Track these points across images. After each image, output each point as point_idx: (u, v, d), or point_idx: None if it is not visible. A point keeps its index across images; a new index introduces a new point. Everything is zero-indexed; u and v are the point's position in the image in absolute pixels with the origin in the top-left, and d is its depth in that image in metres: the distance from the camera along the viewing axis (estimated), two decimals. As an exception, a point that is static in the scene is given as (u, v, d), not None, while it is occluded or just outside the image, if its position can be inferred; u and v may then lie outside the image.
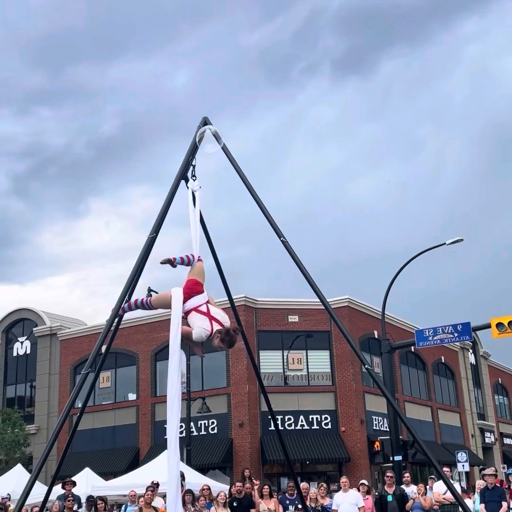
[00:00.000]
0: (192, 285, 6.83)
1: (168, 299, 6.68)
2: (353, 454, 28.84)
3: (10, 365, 36.51)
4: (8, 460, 29.66)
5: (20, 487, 17.84)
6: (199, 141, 7.51)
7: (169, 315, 22.58)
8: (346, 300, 30.61)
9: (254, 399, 29.05)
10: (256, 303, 30.40)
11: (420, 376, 36.58)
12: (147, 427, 31.00)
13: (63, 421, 6.43)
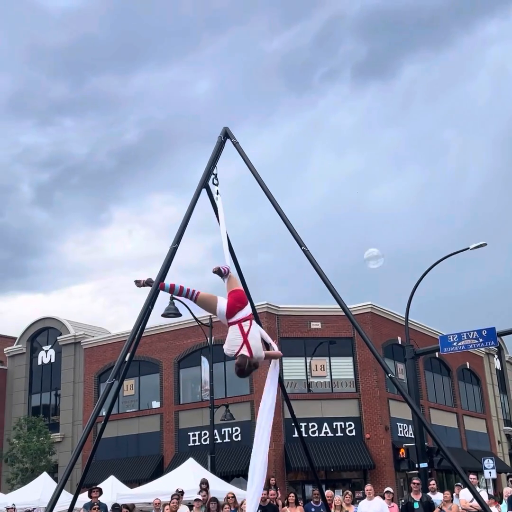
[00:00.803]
0: (242, 296, 6.87)
1: (213, 305, 6.68)
2: (378, 461, 28.64)
3: (35, 373, 36.84)
4: (34, 468, 29.90)
5: (45, 495, 18.00)
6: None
7: (191, 323, 22.45)
8: (368, 306, 30.47)
9: (277, 406, 28.69)
10: (278, 310, 30.37)
11: (445, 382, 36.25)
12: (171, 434, 31.07)
13: (88, 430, 6.48)
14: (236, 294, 6.83)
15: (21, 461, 30.60)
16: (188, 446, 30.22)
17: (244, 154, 7.66)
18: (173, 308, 21.67)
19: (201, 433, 30.00)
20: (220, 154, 7.82)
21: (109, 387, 6.67)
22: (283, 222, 7.46)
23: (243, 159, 7.64)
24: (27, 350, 37.11)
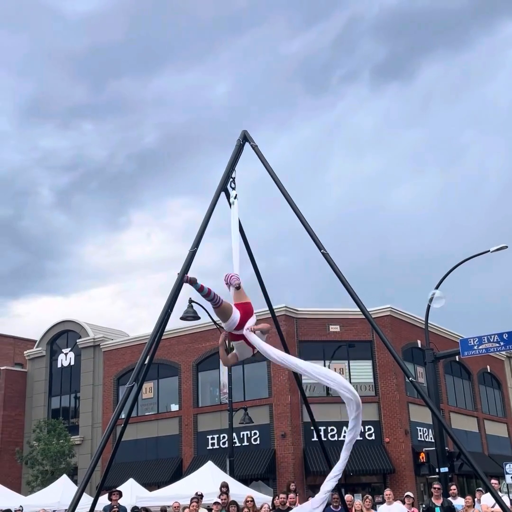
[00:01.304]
0: (251, 310, 7.21)
1: (228, 315, 6.90)
2: (397, 465, 28.45)
3: (54, 376, 37.08)
4: (54, 470, 30.09)
5: (65, 497, 18.11)
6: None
7: (210, 326, 22.47)
8: (388, 309, 30.31)
9: (296, 409, 28.92)
10: (297, 313, 30.31)
11: (465, 386, 35.94)
12: (190, 437, 31.11)
13: (109, 433, 6.49)
14: (247, 308, 7.11)
15: (41, 463, 30.79)
16: (206, 449, 30.24)
17: (263, 157, 7.65)
18: (191, 311, 21.72)
19: (220, 436, 30.00)
20: (239, 157, 7.82)
21: (129, 390, 6.68)
22: (302, 225, 7.44)
23: (262, 162, 7.63)
24: (47, 353, 37.36)
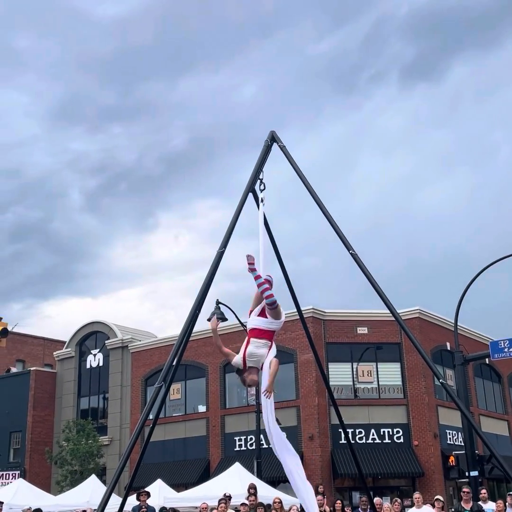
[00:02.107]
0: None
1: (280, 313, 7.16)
2: (426, 469, 28.18)
3: (83, 377, 37.41)
4: (83, 470, 30.34)
5: (94, 497, 18.24)
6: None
7: (237, 328, 22.59)
8: (416, 311, 30.04)
9: (323, 411, 28.80)
10: (324, 314, 30.20)
11: (495, 389, 35.47)
12: (217, 439, 31.15)
13: (137, 434, 6.51)
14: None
15: (70, 463, 31.08)
16: (234, 450, 30.25)
17: (291, 157, 7.62)
18: (219, 312, 21.77)
19: (247, 437, 29.99)
20: (266, 158, 7.79)
21: (157, 390, 6.70)
22: (331, 226, 7.40)
23: (290, 162, 7.60)
24: (76, 354, 37.72)
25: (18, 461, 36.47)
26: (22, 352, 47.41)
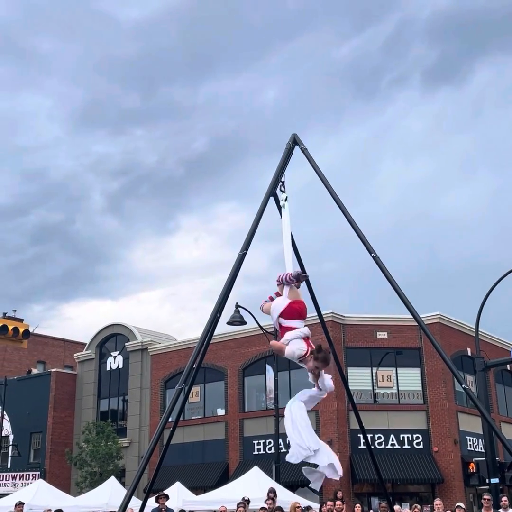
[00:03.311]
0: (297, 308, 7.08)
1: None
2: (446, 475, 27.92)
3: (103, 379, 37.63)
4: (102, 472, 30.49)
5: (113, 499, 18.32)
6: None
7: (256, 332, 22.49)
8: (437, 316, 29.81)
9: (342, 416, 28.68)
10: (344, 319, 30.10)
11: (517, 396, 35.09)
12: (236, 442, 31.15)
13: (158, 437, 6.53)
14: (296, 304, 7.20)
15: (89, 464, 31.25)
16: (252, 454, 30.22)
17: (313, 160, 7.60)
18: (238, 316, 21.79)
19: (266, 441, 29.95)
20: (288, 161, 7.78)
21: (178, 392, 6.71)
22: (353, 229, 7.36)
23: (311, 165, 7.58)
24: (96, 356, 37.95)
25: (38, 462, 36.75)
26: (43, 353, 47.82)
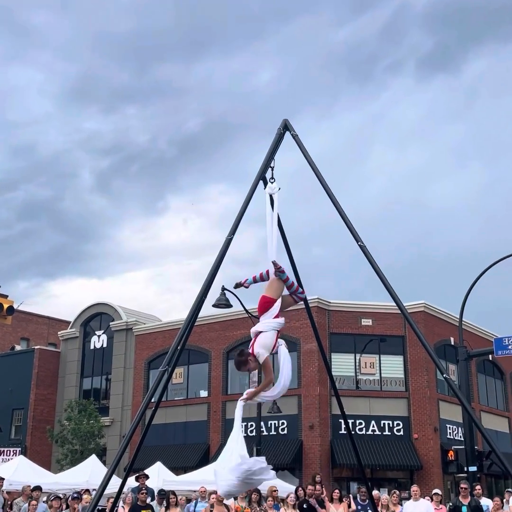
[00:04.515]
0: (264, 303, 6.94)
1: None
2: (425, 462, 28.25)
3: (87, 357, 37.61)
4: (83, 450, 30.54)
5: (94, 477, 18.37)
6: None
7: (241, 315, 22.53)
8: (422, 305, 30.01)
9: (324, 401, 28.88)
10: (329, 305, 30.22)
11: (497, 386, 35.47)
12: (218, 424, 31.30)
13: (140, 416, 6.54)
14: (263, 299, 7.12)
15: (71, 442, 31.29)
16: (234, 437, 30.34)
17: (303, 146, 7.57)
18: (224, 299, 21.78)
19: (248, 424, 30.09)
20: (278, 146, 7.74)
21: (161, 374, 6.72)
22: (340, 217, 7.36)
23: (302, 152, 7.55)
24: (80, 334, 37.90)
25: (19, 438, 36.76)
26: (27, 330, 47.68)
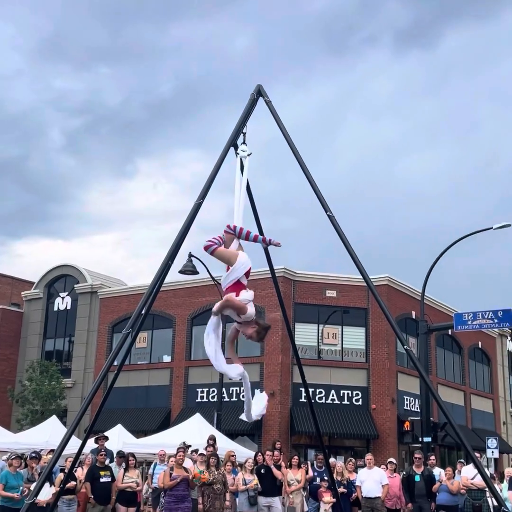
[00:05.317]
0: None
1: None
2: (382, 432, 28.88)
3: (50, 319, 37.36)
4: (44, 411, 30.50)
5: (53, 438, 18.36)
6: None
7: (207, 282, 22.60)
8: (385, 278, 30.35)
9: (286, 370, 29.22)
10: (295, 275, 30.39)
11: (455, 360, 36.29)
12: (180, 389, 31.49)
13: (101, 379, 6.54)
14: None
15: (31, 403, 31.21)
16: (195, 401, 30.63)
17: (276, 113, 7.51)
18: (190, 265, 21.77)
19: (210, 390, 30.37)
20: (251, 112, 7.67)
21: (125, 336, 6.71)
22: (311, 186, 7.34)
23: (274, 118, 7.50)
24: (44, 296, 37.58)
25: (-21, 397, 36.54)
26: (-11, 290, 47.03)
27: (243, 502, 13.23)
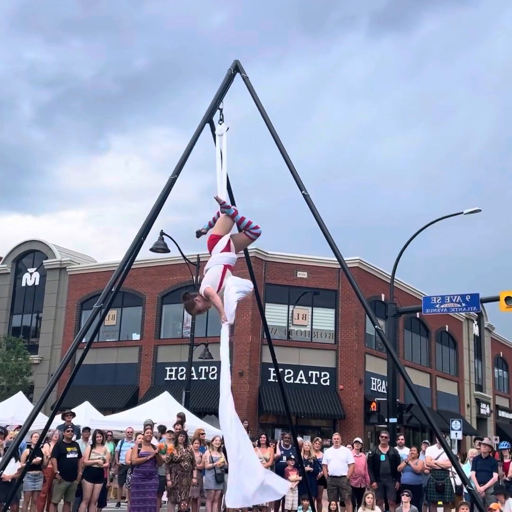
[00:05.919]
0: (210, 241, 6.70)
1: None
2: (348, 412, 29.22)
3: (17, 295, 36.91)
4: (10, 387, 30.23)
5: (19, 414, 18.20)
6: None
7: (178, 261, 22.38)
8: (356, 260, 30.50)
9: (256, 350, 29.33)
10: (267, 256, 30.41)
11: (422, 343, 36.77)
12: (148, 367, 31.44)
13: (70, 355, 6.46)
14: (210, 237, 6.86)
15: (-3, 378, 30.93)
16: (164, 380, 30.62)
17: (253, 90, 7.40)
18: (162, 243, 21.63)
19: (178, 368, 30.37)
20: (228, 88, 7.55)
21: (95, 311, 6.62)
22: (286, 164, 7.28)
23: (251, 95, 7.39)
24: (12, 271, 37.08)
25: None
26: (-44, 263, 46.22)
27: (209, 479, 13.29)
